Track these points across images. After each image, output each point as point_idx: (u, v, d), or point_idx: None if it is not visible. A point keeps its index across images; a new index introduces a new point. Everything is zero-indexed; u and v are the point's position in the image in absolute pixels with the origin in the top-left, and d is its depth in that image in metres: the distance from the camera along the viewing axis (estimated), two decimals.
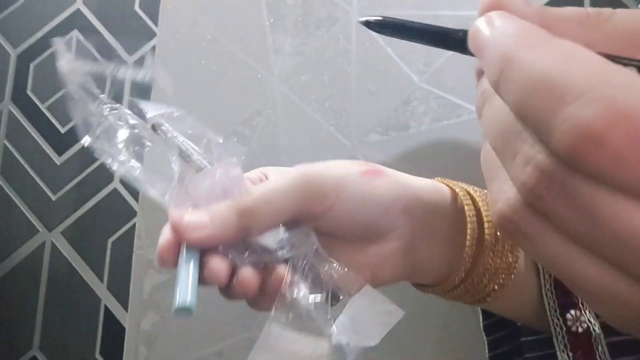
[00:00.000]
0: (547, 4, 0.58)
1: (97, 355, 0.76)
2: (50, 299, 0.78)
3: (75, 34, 0.72)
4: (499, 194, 0.18)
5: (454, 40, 0.21)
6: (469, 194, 0.33)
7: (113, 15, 0.70)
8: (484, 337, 0.39)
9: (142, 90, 0.66)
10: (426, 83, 0.59)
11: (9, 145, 0.79)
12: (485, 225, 0.31)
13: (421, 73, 0.59)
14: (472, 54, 0.19)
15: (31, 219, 0.79)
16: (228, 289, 0.28)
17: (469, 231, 0.31)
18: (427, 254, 0.32)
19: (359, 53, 0.60)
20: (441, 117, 0.58)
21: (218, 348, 0.29)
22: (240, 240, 0.29)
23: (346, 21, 0.61)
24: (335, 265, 0.29)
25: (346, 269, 0.29)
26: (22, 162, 0.79)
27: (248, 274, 0.28)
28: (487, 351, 0.39)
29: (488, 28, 0.18)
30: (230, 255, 0.28)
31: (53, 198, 0.79)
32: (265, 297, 0.29)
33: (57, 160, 0.79)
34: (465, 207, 0.32)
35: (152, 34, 0.67)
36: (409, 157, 0.57)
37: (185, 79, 0.63)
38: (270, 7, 0.62)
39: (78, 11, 0.72)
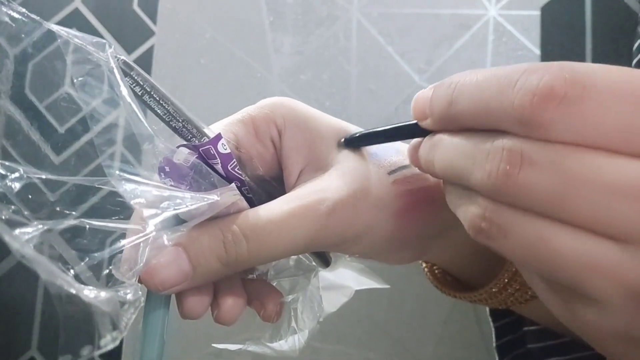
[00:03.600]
0: (546, 4, 0.58)
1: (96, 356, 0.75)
2: (48, 300, 0.78)
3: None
4: (467, 209, 0.19)
5: (408, 129, 0.24)
6: None
7: (112, 14, 0.70)
8: (491, 324, 0.38)
9: None
10: (427, 82, 0.58)
11: (7, 145, 0.79)
12: None
13: (422, 72, 0.59)
14: (422, 135, 0.23)
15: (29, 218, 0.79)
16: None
17: None
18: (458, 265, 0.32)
19: (359, 52, 0.60)
20: None
21: (217, 349, 0.28)
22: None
23: (346, 20, 0.61)
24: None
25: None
26: (21, 162, 0.79)
27: (229, 304, 0.25)
28: (494, 340, 0.38)
29: (427, 91, 0.22)
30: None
31: (51, 198, 0.79)
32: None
33: (56, 160, 0.79)
34: None
35: (151, 33, 0.66)
36: None
37: (184, 78, 0.62)
38: (270, 5, 0.62)
39: (76, 10, 0.72)
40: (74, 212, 0.23)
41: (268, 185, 0.28)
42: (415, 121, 0.23)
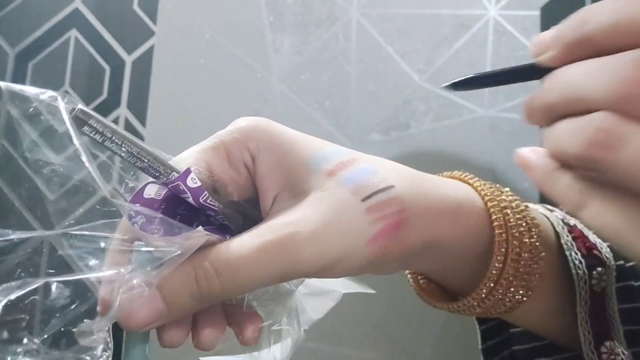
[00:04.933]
0: (547, 4, 0.58)
1: None
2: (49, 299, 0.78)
3: (73, 32, 0.72)
4: (583, 128, 0.19)
5: (525, 71, 0.23)
6: (501, 209, 0.29)
7: (112, 14, 0.70)
8: (477, 327, 0.39)
9: (140, 93, 0.65)
10: (427, 82, 0.58)
11: (7, 145, 0.79)
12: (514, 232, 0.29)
13: (422, 72, 0.58)
14: (537, 78, 0.22)
15: (29, 219, 0.79)
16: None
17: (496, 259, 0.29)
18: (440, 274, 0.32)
19: (358, 52, 0.60)
20: (442, 117, 0.57)
21: (217, 350, 0.28)
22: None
23: (346, 20, 0.61)
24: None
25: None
26: (20, 161, 0.79)
27: (207, 333, 0.25)
28: (479, 343, 0.38)
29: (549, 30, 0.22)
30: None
31: (51, 198, 0.79)
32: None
33: (55, 160, 0.78)
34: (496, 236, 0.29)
35: (151, 33, 0.66)
36: (410, 157, 0.57)
37: (184, 79, 0.62)
38: (270, 6, 0.62)
39: (77, 10, 0.72)
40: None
41: (244, 209, 0.28)
42: (531, 62, 0.22)
